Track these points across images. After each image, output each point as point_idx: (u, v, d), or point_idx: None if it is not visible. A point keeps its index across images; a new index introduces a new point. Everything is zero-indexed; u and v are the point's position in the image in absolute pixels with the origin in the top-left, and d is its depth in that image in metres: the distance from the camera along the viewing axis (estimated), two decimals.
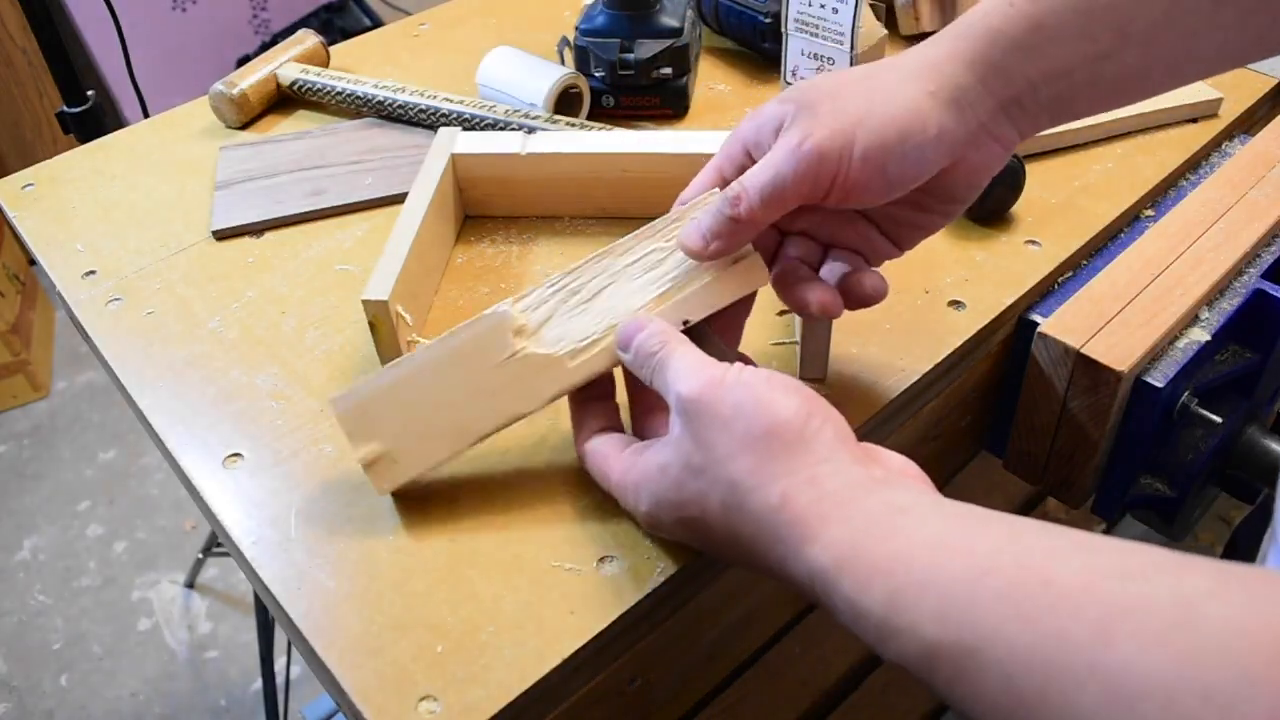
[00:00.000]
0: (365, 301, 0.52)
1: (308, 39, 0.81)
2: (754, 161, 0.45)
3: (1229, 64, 0.44)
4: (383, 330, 0.53)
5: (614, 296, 0.46)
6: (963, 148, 0.43)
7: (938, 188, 0.45)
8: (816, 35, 0.71)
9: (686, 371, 0.40)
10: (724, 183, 0.46)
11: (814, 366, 0.53)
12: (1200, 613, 0.25)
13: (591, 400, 0.47)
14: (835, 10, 0.69)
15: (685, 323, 0.46)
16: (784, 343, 0.56)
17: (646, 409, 0.47)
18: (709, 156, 0.49)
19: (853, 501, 0.35)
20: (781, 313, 0.55)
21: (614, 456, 0.44)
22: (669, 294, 0.46)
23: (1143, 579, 0.27)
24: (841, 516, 0.35)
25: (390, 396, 0.46)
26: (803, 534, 0.35)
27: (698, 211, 0.46)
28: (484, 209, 0.65)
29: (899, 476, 0.38)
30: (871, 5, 0.78)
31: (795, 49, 0.73)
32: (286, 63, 0.78)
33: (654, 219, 0.48)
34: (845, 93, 0.43)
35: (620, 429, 0.47)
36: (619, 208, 0.64)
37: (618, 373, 0.47)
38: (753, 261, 0.46)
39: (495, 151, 0.62)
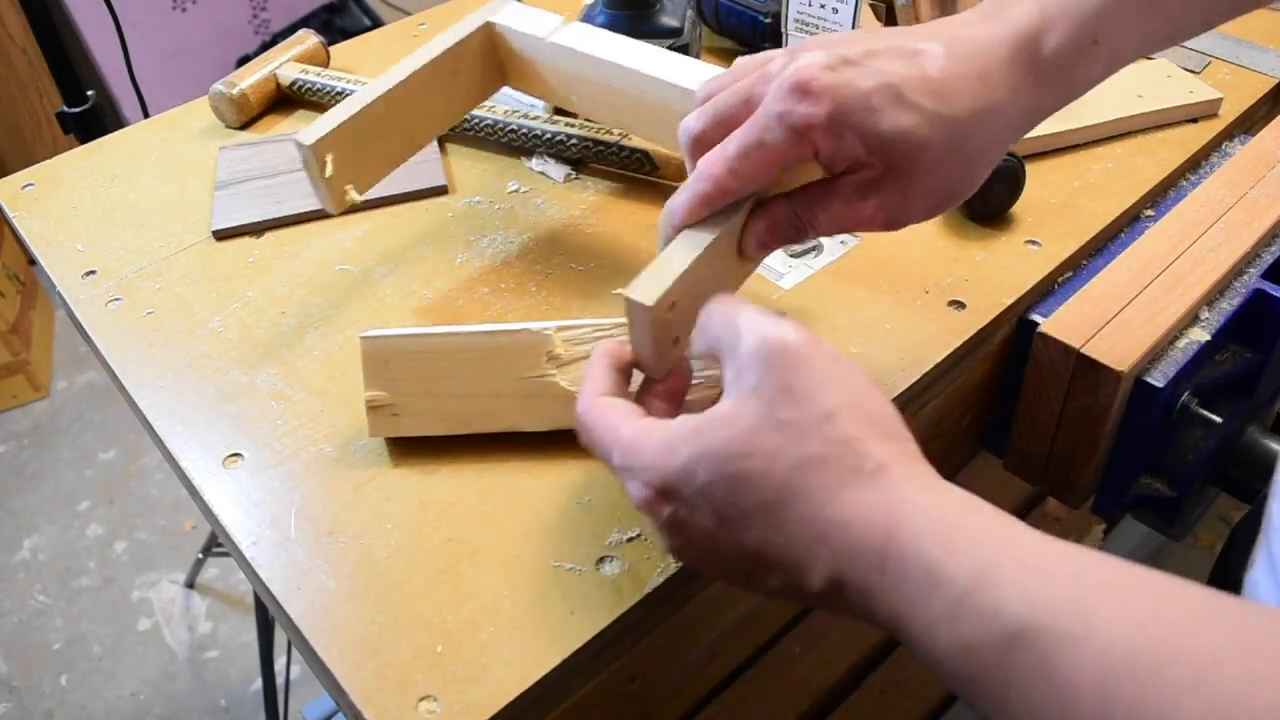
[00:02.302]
0: (296, 142, 0.53)
1: (308, 39, 0.81)
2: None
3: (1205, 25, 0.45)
4: (312, 171, 0.54)
5: None
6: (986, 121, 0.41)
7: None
8: (816, 35, 0.71)
9: (764, 322, 0.36)
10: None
11: (647, 364, 0.42)
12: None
13: (611, 369, 0.41)
14: (835, 10, 0.69)
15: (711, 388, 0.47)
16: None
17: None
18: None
19: (940, 481, 0.34)
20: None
21: (629, 418, 0.38)
22: (699, 387, 0.46)
23: (1257, 613, 0.26)
24: (930, 486, 0.33)
25: (414, 358, 0.48)
26: (894, 495, 0.33)
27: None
28: (521, 81, 0.64)
29: None
30: (871, 5, 0.78)
31: None
32: (286, 63, 0.78)
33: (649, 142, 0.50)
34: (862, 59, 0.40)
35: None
36: (642, 130, 0.61)
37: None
38: None
39: (526, 30, 0.61)
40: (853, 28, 0.68)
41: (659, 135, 0.61)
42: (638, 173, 0.67)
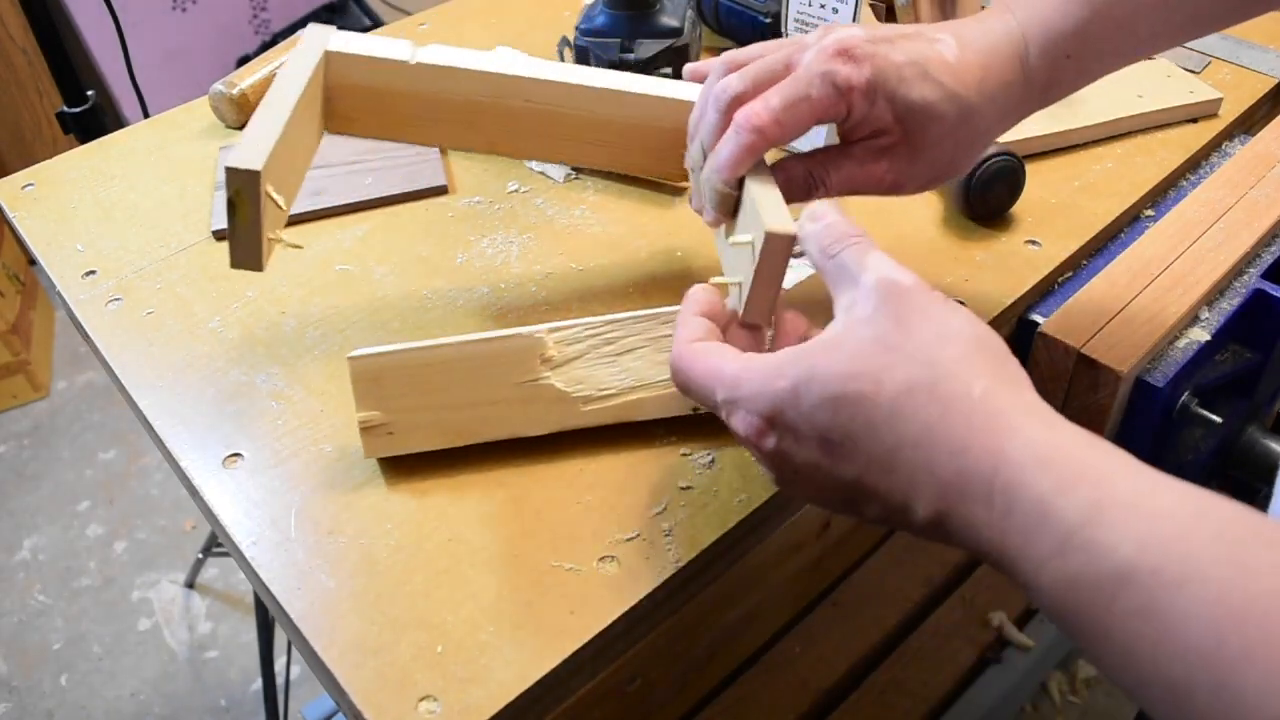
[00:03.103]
0: (231, 170, 0.43)
1: None
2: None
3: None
4: (244, 211, 0.44)
5: (642, 359, 0.48)
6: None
7: None
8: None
9: (893, 265, 0.37)
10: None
11: (758, 307, 0.44)
12: None
13: (703, 315, 0.42)
14: (835, 10, 0.69)
15: (694, 409, 0.49)
16: (720, 281, 0.45)
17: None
18: (625, 95, 0.50)
19: (1057, 418, 0.34)
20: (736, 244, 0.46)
21: (729, 354, 0.39)
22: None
23: None
24: (1046, 423, 0.33)
25: (406, 373, 0.47)
26: (999, 425, 0.33)
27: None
28: (348, 125, 0.55)
29: None
30: (871, 5, 0.78)
31: None
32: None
33: (546, 163, 0.48)
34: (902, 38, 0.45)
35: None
36: (512, 145, 0.55)
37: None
38: None
39: (378, 55, 0.52)
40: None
41: (559, 152, 0.56)
42: (637, 173, 0.67)
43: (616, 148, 0.55)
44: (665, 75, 0.71)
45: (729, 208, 0.46)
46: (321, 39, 0.53)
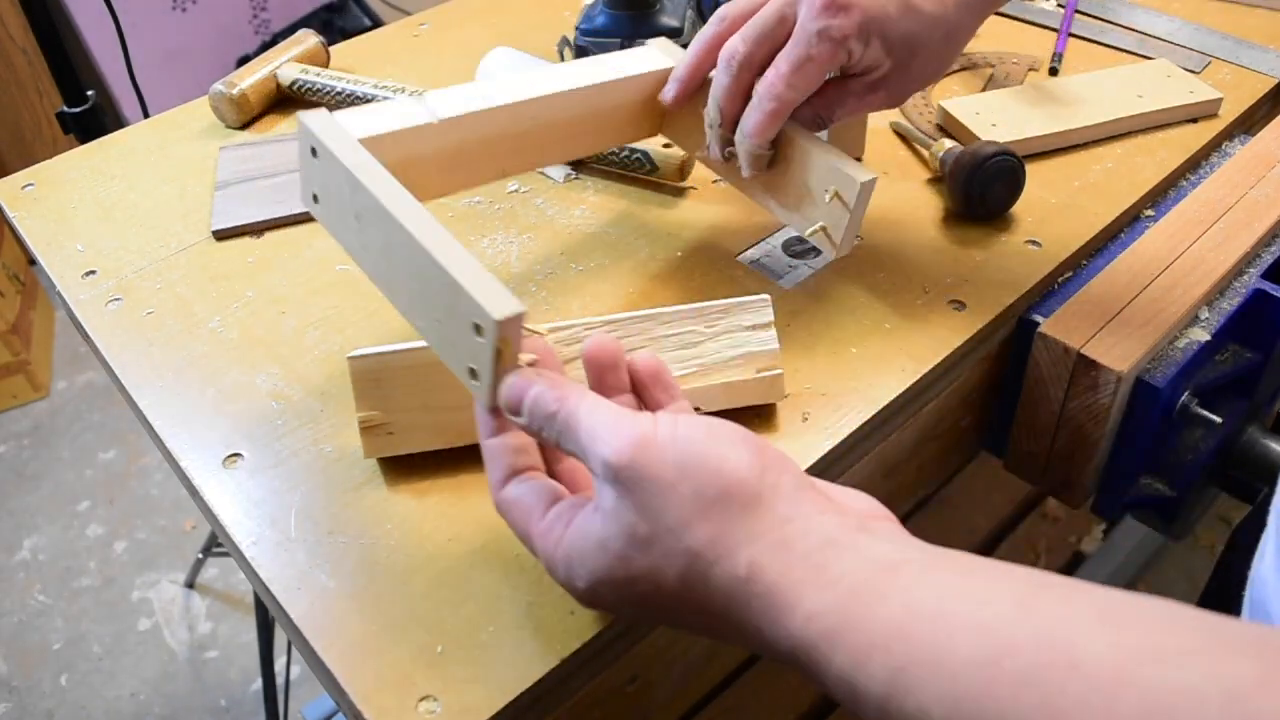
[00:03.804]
0: (500, 322, 0.37)
1: (308, 39, 0.81)
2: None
3: None
4: (508, 353, 0.39)
5: None
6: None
7: None
8: None
9: (606, 432, 0.35)
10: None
11: (849, 241, 0.53)
12: (1251, 709, 0.23)
13: (502, 434, 0.40)
14: None
15: (695, 410, 0.47)
16: (814, 229, 0.54)
17: (559, 456, 0.42)
18: (607, 84, 0.54)
19: (832, 562, 0.32)
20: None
21: (536, 517, 0.38)
22: (691, 377, 0.49)
23: (1180, 664, 0.24)
24: (822, 581, 0.31)
25: (406, 374, 0.47)
26: (780, 605, 0.32)
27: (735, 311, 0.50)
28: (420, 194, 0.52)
29: (870, 521, 0.34)
30: None
31: None
32: (286, 63, 0.78)
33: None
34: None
35: (538, 466, 0.41)
36: (520, 164, 0.55)
37: None
38: (776, 377, 0.49)
39: (403, 127, 0.49)
40: None
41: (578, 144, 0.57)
42: (637, 173, 0.67)
43: (605, 133, 0.58)
44: None
45: (763, 165, 0.53)
46: (337, 130, 0.47)
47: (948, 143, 0.66)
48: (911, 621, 0.29)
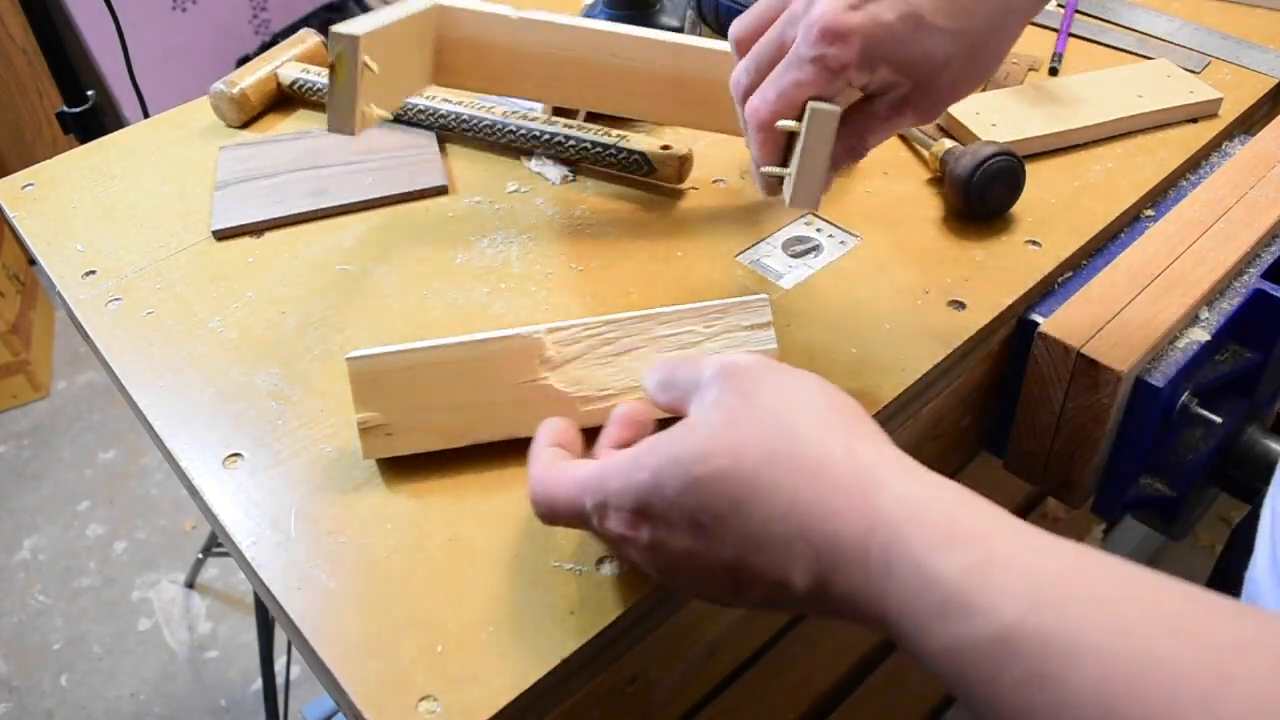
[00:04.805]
0: (335, 34, 0.48)
1: (308, 38, 0.81)
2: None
3: None
4: (342, 76, 0.48)
5: (642, 360, 0.48)
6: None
7: None
8: None
9: (731, 354, 0.38)
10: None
11: (807, 190, 0.46)
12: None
13: (556, 448, 0.43)
14: None
15: None
16: (774, 171, 0.48)
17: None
18: (704, 51, 0.54)
19: (927, 472, 0.32)
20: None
21: (584, 464, 0.39)
22: None
23: (1255, 620, 0.25)
24: (915, 475, 0.32)
25: (405, 375, 0.47)
26: (867, 482, 0.31)
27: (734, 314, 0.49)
28: (454, 77, 0.60)
29: None
30: None
31: None
32: (287, 62, 0.78)
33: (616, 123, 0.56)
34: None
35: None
36: (597, 99, 0.60)
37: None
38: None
39: (485, 10, 0.58)
40: None
41: (650, 106, 0.61)
42: (635, 174, 0.67)
43: (687, 103, 0.58)
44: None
45: (776, 189, 0.49)
46: None
47: (948, 143, 0.66)
48: (996, 522, 0.29)
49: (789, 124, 0.45)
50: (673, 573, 0.36)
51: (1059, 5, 0.84)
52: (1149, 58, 0.77)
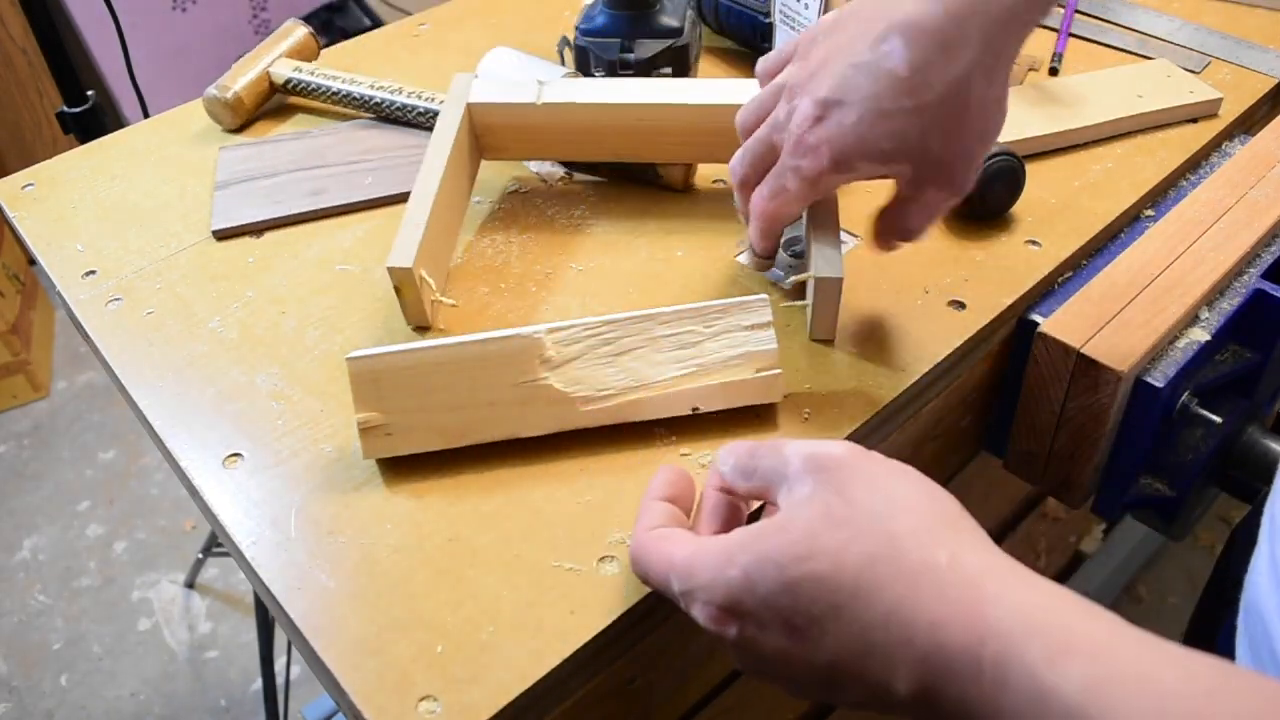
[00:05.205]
0: (391, 269, 0.53)
1: (296, 30, 0.81)
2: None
3: None
4: (407, 295, 0.55)
5: (641, 359, 0.49)
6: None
7: None
8: (794, 28, 0.72)
9: (813, 441, 0.37)
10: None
11: (823, 328, 0.54)
12: None
13: (665, 500, 0.42)
14: (806, 6, 0.70)
15: (694, 409, 0.49)
16: (794, 305, 0.57)
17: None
18: (722, 107, 0.58)
19: (1032, 575, 0.31)
20: (800, 278, 0.58)
21: (683, 541, 0.38)
22: (691, 377, 0.49)
23: None
24: (1024, 583, 0.30)
25: (405, 375, 0.47)
26: (983, 593, 0.30)
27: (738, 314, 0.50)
28: (499, 153, 0.66)
29: None
30: None
31: (779, 41, 0.74)
32: (279, 59, 0.78)
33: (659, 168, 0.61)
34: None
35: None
36: (634, 152, 0.64)
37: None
38: (774, 377, 0.49)
39: (511, 101, 0.62)
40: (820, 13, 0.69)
41: (675, 153, 0.65)
42: (639, 179, 0.67)
43: (713, 146, 0.62)
44: (665, 75, 0.71)
45: (765, 267, 0.56)
46: (463, 91, 0.63)
47: None
48: (1116, 637, 0.28)
49: (803, 277, 0.55)
50: (762, 669, 0.36)
51: (1059, 5, 0.84)
52: (1149, 58, 0.77)
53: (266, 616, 1.21)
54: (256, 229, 0.66)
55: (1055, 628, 0.29)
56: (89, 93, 1.05)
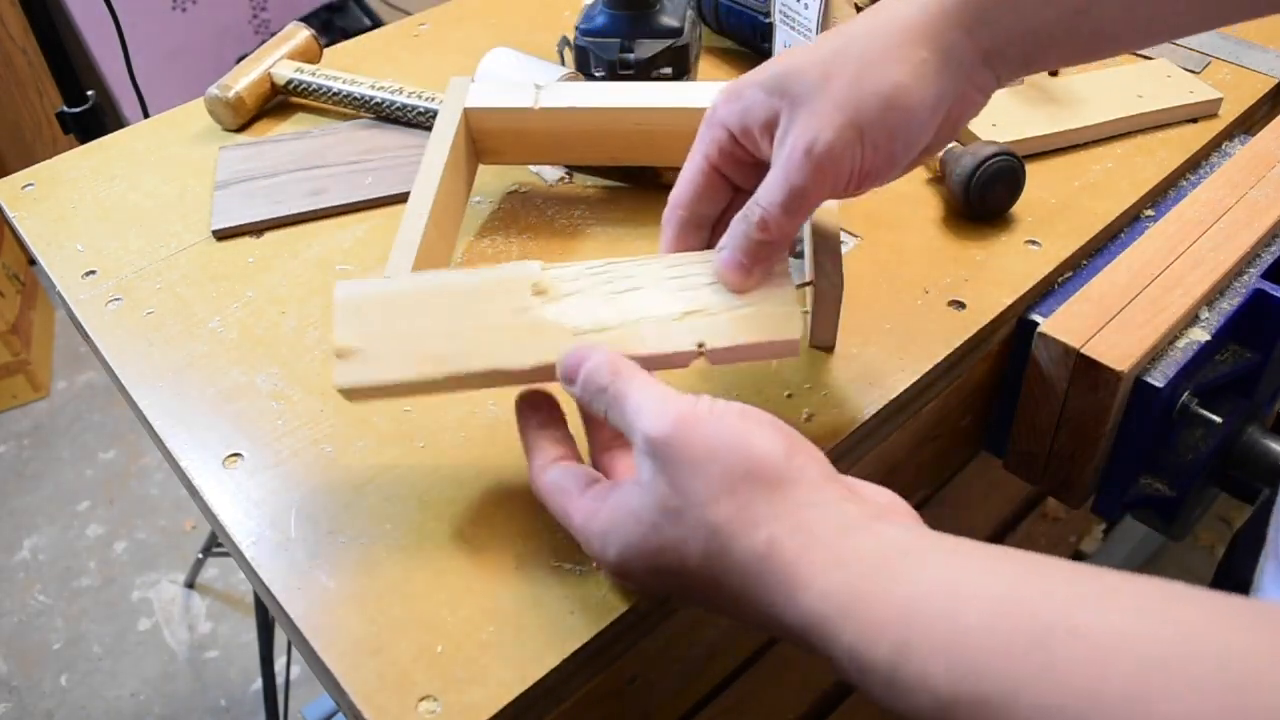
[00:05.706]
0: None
1: (298, 33, 0.81)
2: (744, 149, 0.45)
3: (1202, 26, 0.44)
4: None
5: (643, 298, 0.45)
6: (954, 105, 0.42)
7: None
8: (794, 28, 0.72)
9: (650, 408, 0.37)
10: (714, 171, 0.46)
11: (824, 335, 0.54)
12: (1245, 668, 0.24)
13: (545, 427, 0.43)
14: (806, 6, 0.70)
15: (699, 345, 0.44)
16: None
17: (603, 444, 0.44)
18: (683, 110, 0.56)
19: (847, 545, 0.33)
20: (801, 285, 0.52)
21: (575, 496, 0.40)
22: (696, 314, 0.45)
23: (1177, 630, 0.26)
24: (836, 561, 0.32)
25: (391, 301, 0.45)
26: (794, 581, 0.33)
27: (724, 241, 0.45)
28: (496, 157, 0.66)
29: (889, 513, 0.35)
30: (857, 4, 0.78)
31: (780, 40, 0.74)
32: (280, 60, 0.78)
33: (663, 169, 0.60)
34: (834, 76, 0.41)
35: (577, 458, 0.43)
36: (632, 156, 0.64)
37: (569, 401, 0.44)
38: (791, 311, 0.45)
39: (508, 106, 0.62)
40: (818, 23, 0.69)
41: (673, 156, 0.62)
42: (636, 176, 0.67)
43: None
44: (665, 75, 0.71)
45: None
46: (460, 95, 0.63)
47: None
48: (917, 596, 0.30)
49: (803, 285, 0.53)
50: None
51: None
52: (1149, 58, 0.77)
53: (266, 616, 1.21)
54: (256, 229, 0.66)
55: (863, 607, 0.31)
56: (89, 93, 1.05)
